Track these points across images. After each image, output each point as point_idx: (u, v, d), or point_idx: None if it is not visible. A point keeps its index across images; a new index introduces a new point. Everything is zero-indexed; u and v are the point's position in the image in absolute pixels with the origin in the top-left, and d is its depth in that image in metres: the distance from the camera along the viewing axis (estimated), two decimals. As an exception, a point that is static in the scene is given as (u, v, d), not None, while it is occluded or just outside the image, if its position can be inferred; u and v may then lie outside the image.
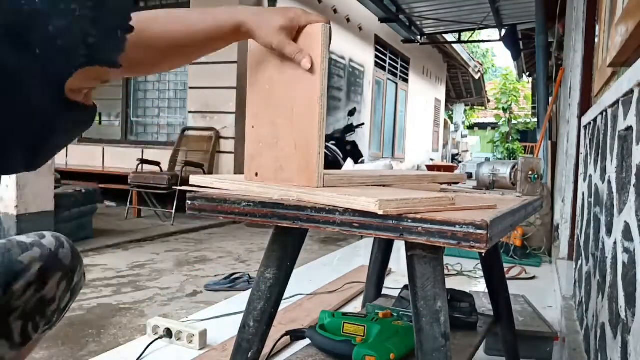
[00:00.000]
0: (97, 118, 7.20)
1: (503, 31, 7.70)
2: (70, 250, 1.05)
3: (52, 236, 1.03)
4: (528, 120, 16.76)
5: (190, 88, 5.80)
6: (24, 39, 0.48)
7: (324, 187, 0.86)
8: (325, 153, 5.01)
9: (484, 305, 1.79)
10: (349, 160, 5.25)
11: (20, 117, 0.54)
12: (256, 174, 0.94)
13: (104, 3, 0.52)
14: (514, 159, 3.09)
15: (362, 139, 8.21)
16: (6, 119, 0.53)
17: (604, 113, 1.38)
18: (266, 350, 1.15)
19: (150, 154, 5.83)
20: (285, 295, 0.99)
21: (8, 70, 0.49)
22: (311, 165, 0.86)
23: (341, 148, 6.17)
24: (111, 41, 0.54)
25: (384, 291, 1.61)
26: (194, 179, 1.00)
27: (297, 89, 0.88)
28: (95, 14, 0.51)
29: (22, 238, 0.99)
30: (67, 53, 0.50)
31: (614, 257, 1.07)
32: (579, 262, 1.93)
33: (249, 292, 0.99)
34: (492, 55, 28.01)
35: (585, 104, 2.67)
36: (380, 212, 0.70)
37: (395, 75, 10.48)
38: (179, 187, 4.74)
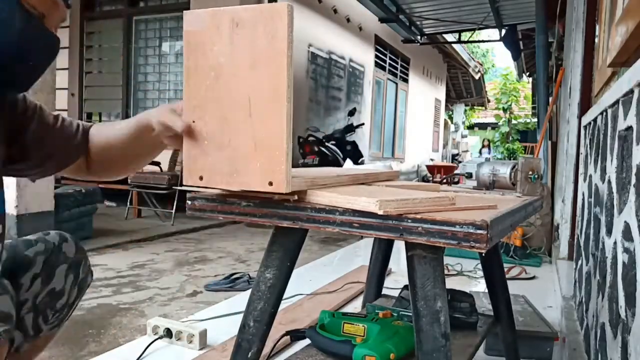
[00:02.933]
0: (97, 118, 7.16)
1: (503, 31, 7.69)
2: (74, 244, 1.09)
3: (57, 233, 1.08)
4: (528, 120, 16.76)
5: (190, 88, 5.79)
6: None
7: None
8: (325, 153, 5.05)
9: (484, 305, 1.79)
10: (348, 161, 5.25)
11: None
12: (201, 178, 0.81)
13: None
14: (514, 159, 3.09)
15: (362, 139, 8.20)
16: None
17: (604, 113, 1.38)
18: (266, 350, 1.15)
19: (150, 154, 5.81)
20: (285, 295, 0.99)
21: None
22: (278, 168, 0.75)
23: (341, 148, 6.17)
24: None
25: (384, 291, 1.61)
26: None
27: (255, 77, 0.75)
28: None
29: (28, 237, 1.05)
30: None
31: (614, 257, 1.07)
32: (579, 262, 1.93)
33: (249, 292, 0.99)
34: (492, 55, 28.01)
35: (585, 104, 2.67)
36: (381, 212, 0.70)
37: (395, 75, 10.48)
38: (179, 187, 4.74)
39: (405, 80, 11.14)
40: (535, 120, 9.37)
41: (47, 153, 0.97)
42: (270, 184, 0.76)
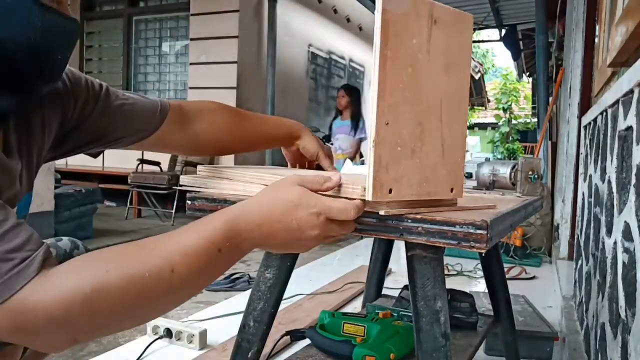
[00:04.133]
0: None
1: (503, 31, 7.69)
2: (85, 252, 1.08)
3: (68, 240, 1.09)
4: (528, 120, 16.74)
5: (190, 88, 5.80)
6: None
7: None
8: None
9: (484, 305, 1.79)
10: (348, 161, 5.25)
11: (5, 15, 0.67)
12: (390, 191, 0.68)
13: None
14: (514, 159, 3.09)
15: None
16: None
17: (604, 113, 1.38)
18: (266, 350, 1.15)
19: (150, 154, 5.82)
20: (285, 295, 0.99)
21: None
22: (459, 174, 0.76)
23: (341, 148, 6.17)
24: None
25: (384, 291, 1.61)
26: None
27: (447, 81, 0.73)
28: None
29: None
30: None
31: (614, 257, 1.07)
32: (579, 262, 1.93)
33: (249, 292, 0.99)
34: (492, 55, 27.99)
35: (585, 104, 2.67)
36: (382, 212, 0.70)
37: (395, 75, 10.48)
38: (179, 187, 4.75)
39: (405, 80, 11.13)
40: (535, 120, 9.37)
41: (116, 135, 0.94)
42: (452, 190, 0.76)
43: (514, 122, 17.04)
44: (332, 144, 6.09)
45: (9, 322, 0.53)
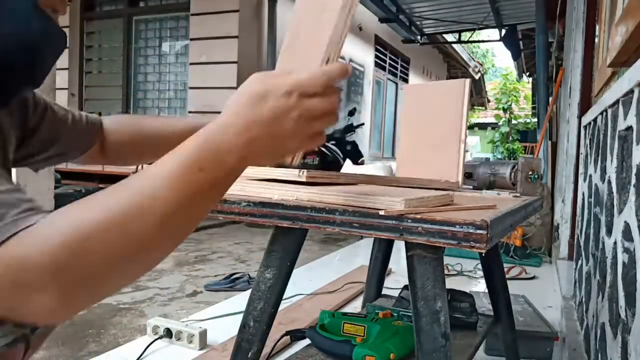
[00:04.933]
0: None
1: (503, 31, 7.69)
2: None
3: None
4: (528, 120, 16.74)
5: (190, 88, 5.80)
6: None
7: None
8: (325, 153, 5.05)
9: (484, 305, 1.79)
10: (347, 161, 5.25)
11: (8, 18, 0.70)
12: None
13: None
14: (514, 159, 3.09)
15: (362, 139, 8.20)
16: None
17: (604, 113, 1.38)
18: (266, 350, 1.15)
19: (150, 154, 5.82)
20: (285, 295, 0.99)
21: None
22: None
23: (341, 148, 6.16)
24: None
25: (384, 291, 1.61)
26: None
27: (442, 126, 1.29)
28: None
29: None
30: None
31: (614, 257, 1.07)
32: (579, 262, 1.92)
33: (249, 292, 0.99)
34: (492, 55, 27.98)
35: (585, 104, 2.67)
36: (382, 213, 0.70)
37: (395, 75, 10.47)
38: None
39: (406, 81, 11.13)
40: (535, 120, 9.37)
41: (57, 150, 0.98)
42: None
43: (514, 122, 17.03)
44: (334, 144, 6.10)
45: (6, 272, 0.50)
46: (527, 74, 10.32)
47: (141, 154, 1.09)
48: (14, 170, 0.80)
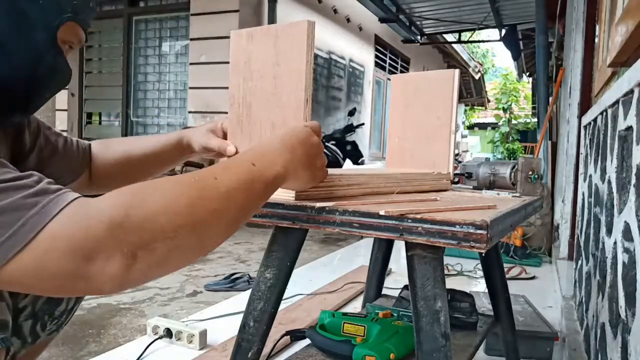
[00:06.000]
0: (97, 118, 7.13)
1: (503, 31, 7.68)
2: None
3: None
4: (528, 120, 16.74)
5: (190, 88, 5.79)
6: None
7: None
8: (325, 153, 5.00)
9: (484, 305, 1.79)
10: (348, 161, 5.25)
11: (27, 49, 0.75)
12: None
13: None
14: (514, 159, 3.09)
15: (362, 139, 8.20)
16: (15, 49, 0.74)
17: (604, 113, 1.38)
18: (266, 350, 1.15)
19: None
20: (285, 295, 0.99)
21: (25, 13, 0.75)
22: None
23: (341, 148, 6.16)
24: (87, 8, 0.84)
25: (384, 291, 1.61)
26: None
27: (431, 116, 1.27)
28: None
29: None
30: (59, 7, 0.78)
31: (614, 257, 1.07)
32: (579, 262, 1.93)
33: (249, 292, 0.99)
34: (492, 55, 27.98)
35: (585, 104, 2.67)
36: (382, 212, 0.70)
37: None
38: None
39: (405, 80, 11.12)
40: (535, 120, 9.37)
41: (48, 176, 0.97)
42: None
43: (514, 122, 17.04)
44: (334, 144, 6.09)
45: (72, 229, 0.52)
46: (527, 74, 10.32)
47: (125, 175, 1.09)
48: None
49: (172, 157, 1.08)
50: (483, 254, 1.28)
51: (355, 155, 6.21)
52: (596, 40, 1.94)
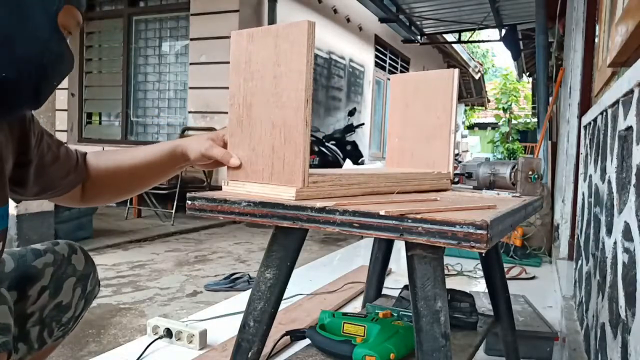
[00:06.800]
0: (97, 118, 7.14)
1: (503, 31, 7.68)
2: (83, 256, 1.08)
3: (66, 244, 1.06)
4: (528, 120, 16.75)
5: (190, 88, 5.80)
6: None
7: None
8: (325, 153, 5.06)
9: (484, 305, 1.79)
10: (348, 161, 5.25)
11: (31, 38, 0.75)
12: None
13: None
14: (514, 159, 3.09)
15: (362, 139, 8.20)
16: (21, 40, 0.74)
17: (604, 113, 1.38)
18: (266, 350, 1.15)
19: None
20: (285, 295, 0.98)
21: (24, 3, 0.74)
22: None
23: (341, 148, 6.16)
24: None
25: (384, 291, 1.61)
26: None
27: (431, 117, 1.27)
28: None
29: (37, 246, 1.04)
30: None
31: (614, 257, 1.07)
32: (579, 262, 1.93)
33: (249, 292, 0.99)
34: (492, 55, 27.97)
35: (585, 104, 2.67)
36: (382, 212, 0.70)
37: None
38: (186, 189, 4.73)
39: (405, 80, 11.11)
40: (535, 120, 9.37)
41: (47, 184, 0.96)
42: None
43: (514, 122, 17.03)
44: (334, 144, 6.08)
45: None
46: (527, 74, 10.32)
47: (116, 186, 1.08)
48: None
49: (165, 167, 1.04)
50: (483, 254, 1.28)
51: (355, 155, 6.21)
52: (596, 40, 1.94)
